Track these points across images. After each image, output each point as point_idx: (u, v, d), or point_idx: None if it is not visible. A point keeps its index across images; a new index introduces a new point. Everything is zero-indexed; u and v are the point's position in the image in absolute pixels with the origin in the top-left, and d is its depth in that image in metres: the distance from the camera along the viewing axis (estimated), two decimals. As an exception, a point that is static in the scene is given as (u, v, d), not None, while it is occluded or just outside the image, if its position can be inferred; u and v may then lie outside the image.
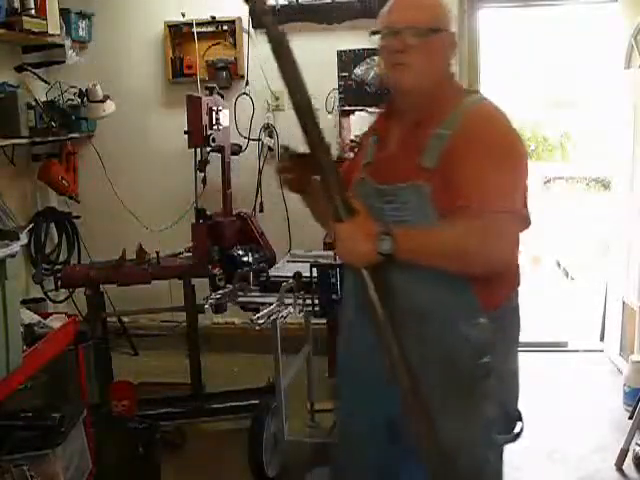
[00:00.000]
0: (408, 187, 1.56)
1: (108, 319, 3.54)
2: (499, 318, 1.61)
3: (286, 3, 4.18)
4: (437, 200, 1.53)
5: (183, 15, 4.22)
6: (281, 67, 1.51)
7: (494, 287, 1.59)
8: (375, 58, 3.86)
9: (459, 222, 1.49)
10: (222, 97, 3.72)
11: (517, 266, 1.67)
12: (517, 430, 1.70)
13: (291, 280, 2.77)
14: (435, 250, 1.50)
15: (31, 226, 4.12)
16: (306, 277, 2.73)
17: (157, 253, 3.38)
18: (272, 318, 2.63)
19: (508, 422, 1.67)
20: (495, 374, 1.60)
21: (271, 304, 2.68)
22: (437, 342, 1.58)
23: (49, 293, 4.16)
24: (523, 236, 1.58)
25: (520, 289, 1.71)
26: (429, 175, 1.53)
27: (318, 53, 4.07)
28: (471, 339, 1.57)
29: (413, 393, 1.49)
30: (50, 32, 3.69)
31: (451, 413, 1.57)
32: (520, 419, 1.72)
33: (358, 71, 3.87)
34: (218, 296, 2.89)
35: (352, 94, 3.90)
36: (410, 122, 1.63)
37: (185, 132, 3.38)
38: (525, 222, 1.56)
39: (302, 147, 1.61)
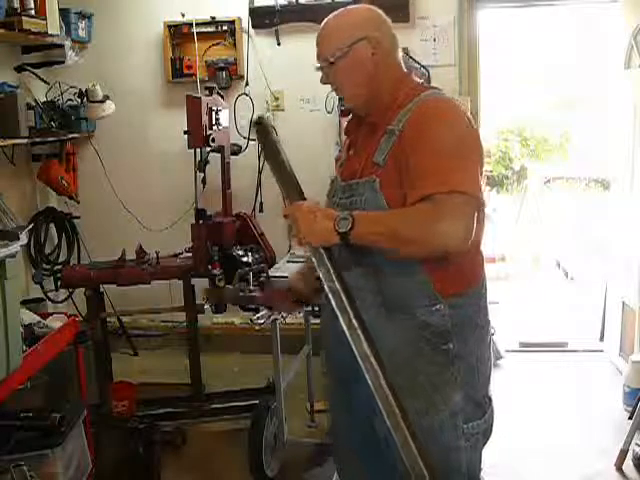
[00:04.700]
0: (362, 182, 1.67)
1: (108, 319, 3.54)
2: (461, 305, 1.65)
3: (286, 3, 4.18)
4: (387, 193, 1.61)
5: (183, 15, 4.22)
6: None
7: (453, 274, 1.63)
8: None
9: (412, 206, 1.55)
10: (222, 97, 3.72)
11: (478, 253, 1.72)
12: (487, 417, 1.73)
13: (291, 280, 2.77)
14: (387, 232, 1.54)
15: (31, 226, 4.11)
16: (306, 277, 2.72)
17: (157, 253, 3.38)
18: (272, 318, 2.63)
19: (476, 409, 1.71)
20: (459, 361, 1.65)
21: (271, 304, 2.68)
22: (398, 328, 1.63)
23: (49, 293, 4.16)
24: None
25: (486, 276, 1.75)
26: (380, 170, 1.63)
27: (318, 53, 4.07)
28: (431, 325, 1.62)
29: (375, 367, 1.50)
30: (50, 32, 3.68)
31: (414, 399, 1.60)
32: (490, 406, 1.75)
33: (358, 71, 3.87)
34: (218, 296, 2.89)
35: (352, 94, 3.89)
36: (368, 125, 1.75)
37: (185, 132, 3.38)
38: (480, 206, 1.57)
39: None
